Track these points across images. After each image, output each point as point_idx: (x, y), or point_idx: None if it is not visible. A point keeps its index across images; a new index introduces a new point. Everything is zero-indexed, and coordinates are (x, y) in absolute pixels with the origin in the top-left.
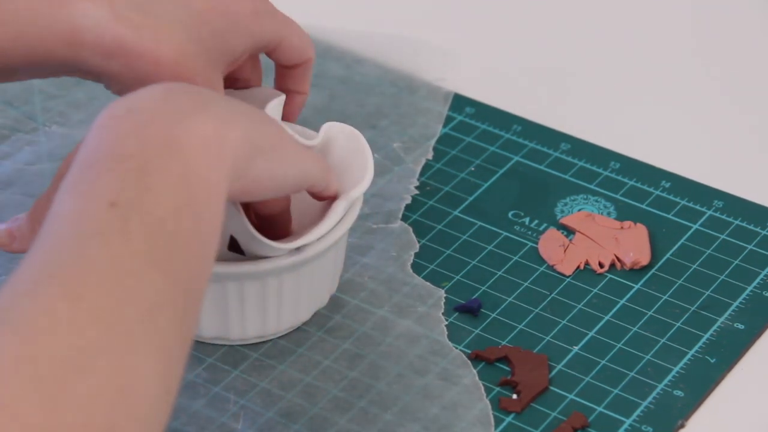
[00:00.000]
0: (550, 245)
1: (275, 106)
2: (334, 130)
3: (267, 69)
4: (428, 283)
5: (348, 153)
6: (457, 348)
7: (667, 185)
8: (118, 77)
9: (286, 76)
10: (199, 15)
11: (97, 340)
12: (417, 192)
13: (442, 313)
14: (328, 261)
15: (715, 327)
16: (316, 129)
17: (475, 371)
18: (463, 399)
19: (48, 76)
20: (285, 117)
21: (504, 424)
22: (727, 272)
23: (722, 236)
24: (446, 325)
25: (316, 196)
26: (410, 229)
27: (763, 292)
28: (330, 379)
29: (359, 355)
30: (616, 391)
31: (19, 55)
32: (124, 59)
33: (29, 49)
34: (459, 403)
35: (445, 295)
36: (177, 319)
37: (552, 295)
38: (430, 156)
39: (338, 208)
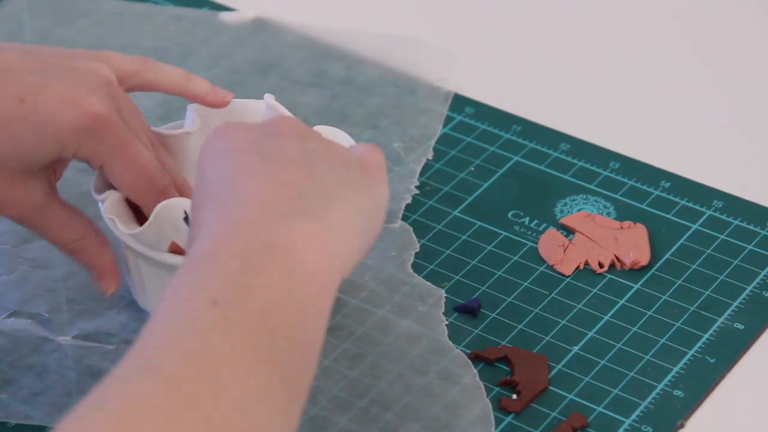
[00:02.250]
0: (550, 245)
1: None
2: (324, 133)
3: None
4: (428, 283)
5: None
6: (457, 348)
7: (667, 185)
8: None
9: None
10: (5, 126)
11: (192, 430)
12: (417, 192)
13: (443, 313)
14: None
15: (714, 327)
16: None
17: (475, 371)
18: (464, 398)
19: None
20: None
21: (504, 424)
22: (726, 272)
23: (722, 236)
24: (447, 325)
25: None
26: (410, 229)
27: (763, 292)
28: (330, 378)
29: (360, 354)
30: (615, 391)
31: None
32: None
33: None
34: (459, 403)
35: (445, 295)
36: (278, 414)
37: (552, 295)
38: (430, 156)
39: None
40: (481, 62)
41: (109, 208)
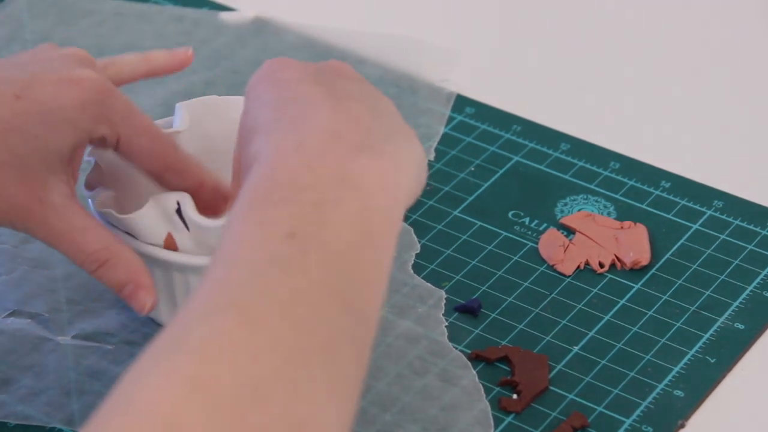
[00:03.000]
0: (551, 245)
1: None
2: None
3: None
4: (428, 284)
5: None
6: (457, 348)
7: (667, 185)
8: None
9: (160, 183)
10: (6, 123)
11: (275, 369)
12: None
13: (443, 314)
14: None
15: (715, 327)
16: None
17: (474, 372)
18: (463, 400)
19: None
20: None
21: (504, 424)
22: (727, 272)
23: (722, 236)
24: (447, 325)
25: None
26: (411, 230)
27: (763, 292)
28: None
29: None
30: (616, 391)
31: None
32: None
33: None
34: (458, 404)
35: (445, 295)
36: (355, 352)
37: (552, 295)
38: (431, 157)
39: None
40: (481, 62)
41: (102, 203)
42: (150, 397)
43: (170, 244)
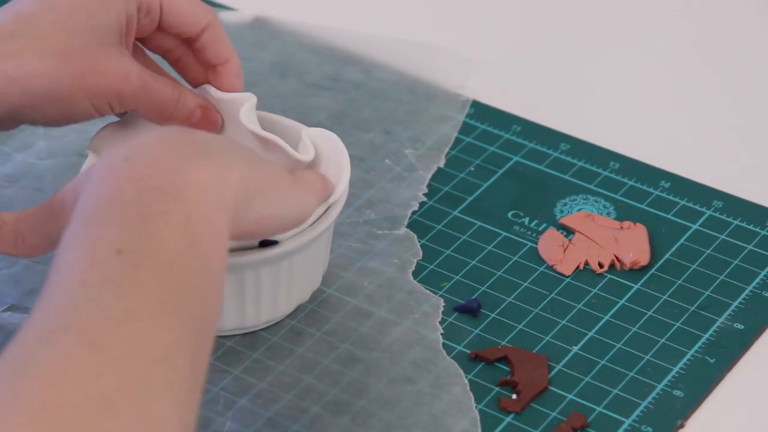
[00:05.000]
0: (550, 245)
1: (248, 110)
2: (314, 135)
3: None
4: (426, 290)
5: (326, 157)
6: (457, 348)
7: (667, 185)
8: (27, 108)
9: (200, 50)
10: (67, 7)
11: (118, 387)
12: (425, 199)
13: (439, 322)
14: (305, 259)
15: (714, 327)
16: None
17: (466, 381)
18: (452, 409)
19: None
20: (225, 87)
21: (504, 424)
22: (726, 272)
23: (722, 236)
24: (446, 327)
25: None
26: (414, 237)
27: (763, 292)
28: (329, 379)
29: (352, 359)
30: (615, 391)
31: None
32: (19, 88)
33: None
34: (448, 413)
35: (443, 303)
36: (191, 358)
37: (552, 295)
38: (442, 164)
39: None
40: (480, 62)
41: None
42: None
43: None
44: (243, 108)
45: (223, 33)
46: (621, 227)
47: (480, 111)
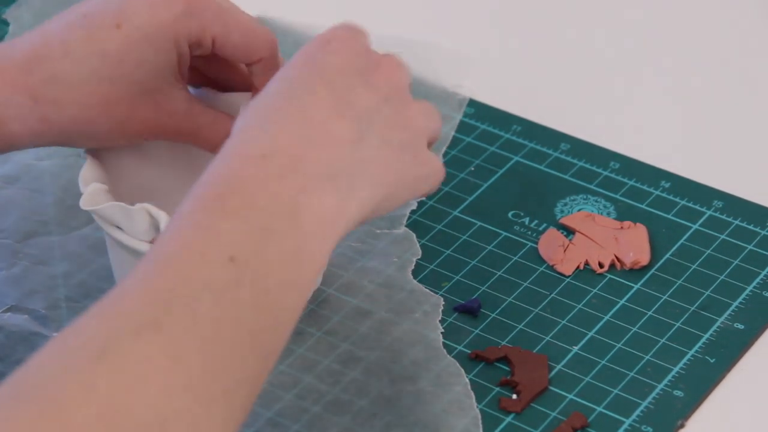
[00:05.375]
0: (550, 245)
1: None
2: None
3: None
4: (426, 290)
5: None
6: (457, 348)
7: (667, 185)
8: (63, 144)
9: (253, 75)
10: (116, 55)
11: (184, 409)
12: (424, 198)
13: (439, 321)
14: None
15: (714, 327)
16: None
17: (467, 380)
18: (453, 407)
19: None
20: None
21: (504, 424)
22: (726, 272)
23: (722, 236)
24: (446, 326)
25: None
26: (414, 236)
27: (763, 292)
28: (329, 378)
29: (353, 359)
30: (615, 391)
31: None
32: (56, 132)
33: None
34: (449, 411)
35: (443, 302)
36: (250, 396)
37: (552, 295)
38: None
39: None
40: (481, 62)
41: (94, 196)
42: (67, 404)
43: None
44: (243, 107)
45: (278, 65)
46: (621, 227)
47: (480, 111)
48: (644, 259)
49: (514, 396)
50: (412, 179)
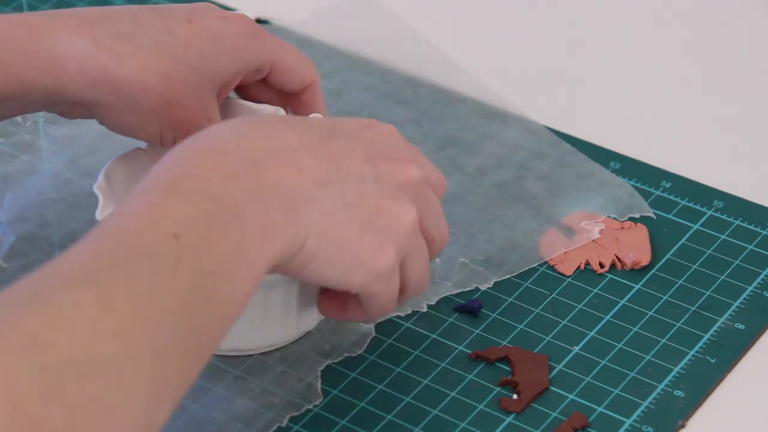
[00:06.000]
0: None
1: None
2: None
3: None
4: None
5: None
6: (457, 348)
7: (667, 185)
8: (106, 106)
9: (297, 104)
10: (184, 38)
11: (110, 355)
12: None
13: (439, 321)
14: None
15: (715, 327)
16: None
17: (470, 376)
18: (454, 406)
19: (35, 110)
20: None
21: (504, 424)
22: (727, 272)
23: (722, 236)
24: (446, 326)
25: None
26: None
27: (764, 293)
28: (330, 379)
29: (356, 357)
30: (616, 391)
31: (1, 86)
32: (110, 87)
33: (11, 79)
34: (450, 411)
35: (443, 303)
36: (180, 367)
37: (552, 295)
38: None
39: None
40: (481, 62)
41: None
42: None
43: None
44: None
45: (320, 90)
46: (622, 227)
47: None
48: (645, 259)
49: (515, 396)
50: (359, 262)
